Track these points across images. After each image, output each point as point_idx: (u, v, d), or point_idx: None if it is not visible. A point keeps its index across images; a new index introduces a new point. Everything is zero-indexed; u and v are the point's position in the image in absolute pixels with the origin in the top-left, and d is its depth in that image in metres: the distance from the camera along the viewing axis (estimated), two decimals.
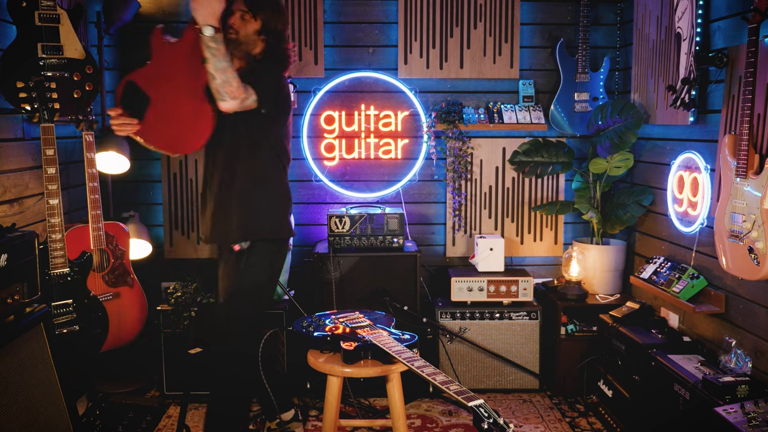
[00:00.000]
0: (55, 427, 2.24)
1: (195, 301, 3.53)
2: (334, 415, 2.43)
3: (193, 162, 3.98)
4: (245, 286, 2.70)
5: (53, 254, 2.81)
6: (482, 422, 1.67)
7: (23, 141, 3.15)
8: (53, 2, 2.94)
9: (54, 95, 2.79)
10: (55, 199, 2.78)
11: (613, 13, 4.01)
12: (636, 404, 3.01)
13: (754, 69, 2.45)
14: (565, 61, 3.91)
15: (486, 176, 4.07)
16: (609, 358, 3.32)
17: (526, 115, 3.96)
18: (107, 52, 3.88)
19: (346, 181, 4.08)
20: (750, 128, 2.49)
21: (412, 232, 4.11)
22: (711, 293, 2.96)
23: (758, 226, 2.41)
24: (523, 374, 3.71)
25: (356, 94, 4.02)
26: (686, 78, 3.04)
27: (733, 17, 2.81)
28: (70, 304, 2.88)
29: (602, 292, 3.79)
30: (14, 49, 2.90)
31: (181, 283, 3.64)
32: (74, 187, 3.68)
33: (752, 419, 2.20)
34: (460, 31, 3.97)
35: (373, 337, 2.37)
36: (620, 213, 3.70)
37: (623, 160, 3.66)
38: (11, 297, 2.21)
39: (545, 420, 3.38)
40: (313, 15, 3.91)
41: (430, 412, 3.46)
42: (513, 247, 4.11)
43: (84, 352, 2.97)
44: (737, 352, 2.69)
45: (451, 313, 3.69)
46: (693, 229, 3.10)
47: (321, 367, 2.38)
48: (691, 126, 3.13)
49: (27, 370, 2.15)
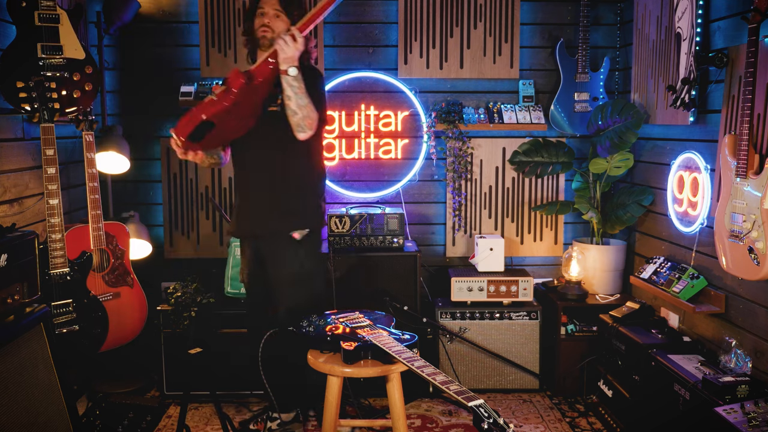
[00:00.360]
0: (55, 427, 2.24)
1: (195, 301, 3.53)
2: (334, 415, 2.43)
3: (193, 162, 3.97)
4: (307, 269, 2.92)
5: (53, 254, 2.81)
6: (482, 422, 1.67)
7: (23, 141, 3.15)
8: (53, 2, 2.94)
9: (54, 95, 2.80)
10: (55, 199, 2.78)
11: (613, 13, 4.02)
12: (636, 404, 3.01)
13: (754, 69, 2.45)
14: (565, 61, 3.91)
15: (486, 176, 4.07)
16: (609, 358, 3.32)
17: (526, 115, 3.96)
18: (107, 52, 3.89)
19: (346, 181, 4.08)
20: (750, 128, 2.49)
21: (412, 232, 4.11)
22: (711, 293, 2.96)
23: (758, 226, 2.41)
24: (523, 374, 3.71)
25: (356, 94, 4.02)
26: (686, 78, 3.04)
27: (733, 17, 2.81)
28: (70, 304, 2.88)
29: (602, 292, 3.79)
30: (14, 49, 2.90)
31: (181, 283, 3.64)
32: (74, 187, 3.68)
33: (752, 419, 2.20)
34: (460, 31, 3.97)
35: (373, 337, 2.37)
36: (620, 213, 3.70)
37: (623, 160, 3.66)
38: (11, 297, 2.21)
39: (545, 420, 3.38)
40: None
41: (430, 412, 3.46)
42: (513, 247, 4.11)
43: (84, 352, 2.97)
44: (737, 352, 2.69)
45: (451, 313, 3.69)
46: (693, 229, 3.10)
47: (321, 367, 2.38)
48: (691, 126, 3.13)
49: (27, 370, 2.15)
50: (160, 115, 4.00)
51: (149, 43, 3.95)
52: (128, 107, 4.00)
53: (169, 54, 3.97)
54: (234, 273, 3.63)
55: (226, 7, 3.88)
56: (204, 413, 3.44)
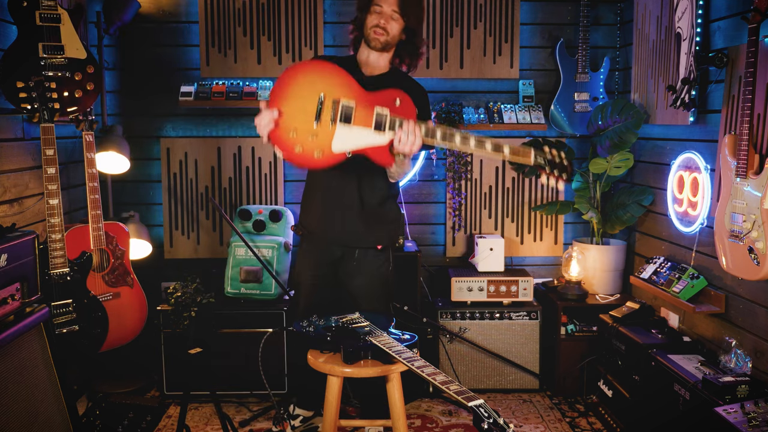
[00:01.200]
0: (55, 427, 2.24)
1: (195, 301, 3.53)
2: (334, 415, 2.43)
3: (193, 162, 3.98)
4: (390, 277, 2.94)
5: (53, 254, 2.81)
6: (482, 422, 1.67)
7: (23, 141, 3.15)
8: (54, 2, 2.94)
9: (54, 95, 2.79)
10: (55, 199, 2.78)
11: (613, 13, 4.01)
12: (636, 404, 3.01)
13: (754, 69, 2.45)
14: (565, 61, 3.91)
15: (486, 176, 4.07)
16: (609, 358, 3.32)
17: (526, 115, 3.96)
18: (107, 52, 3.89)
19: None
20: (750, 128, 2.49)
21: (412, 232, 4.11)
22: (711, 293, 2.96)
23: (758, 226, 2.41)
24: (523, 374, 3.71)
25: None
26: (686, 78, 3.04)
27: (733, 17, 2.81)
28: (70, 304, 2.88)
29: (602, 292, 3.79)
30: (15, 49, 2.90)
31: (181, 283, 3.64)
32: (74, 187, 3.68)
33: (752, 419, 2.20)
34: (460, 31, 3.97)
35: (373, 337, 2.37)
36: (620, 213, 3.70)
37: (623, 160, 3.66)
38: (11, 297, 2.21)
39: (545, 420, 3.38)
40: (313, 15, 3.92)
41: (430, 412, 3.46)
42: (513, 247, 4.11)
43: (84, 352, 2.97)
44: (737, 352, 2.69)
45: (451, 313, 3.69)
46: (693, 229, 3.10)
47: (321, 367, 2.38)
48: (691, 126, 3.13)
49: (27, 370, 2.15)
50: (160, 115, 4.00)
51: (149, 43, 3.95)
52: (128, 107, 4.00)
53: (169, 54, 3.97)
54: (234, 273, 3.63)
55: (226, 7, 3.88)
56: (204, 413, 3.44)
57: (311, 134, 2.37)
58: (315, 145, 2.38)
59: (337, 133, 2.35)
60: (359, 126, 2.36)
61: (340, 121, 2.36)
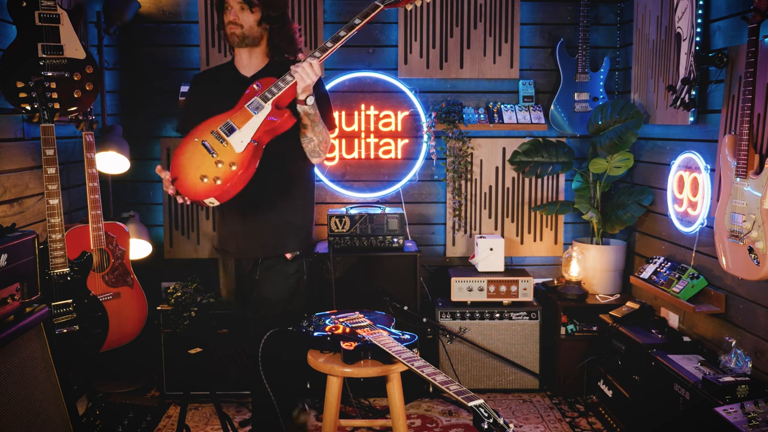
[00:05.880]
0: (55, 427, 2.24)
1: (195, 301, 3.53)
2: (334, 415, 2.43)
3: None
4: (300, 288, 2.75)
5: (53, 254, 2.81)
6: (482, 422, 1.67)
7: (23, 141, 3.15)
8: (53, 2, 2.94)
9: (54, 95, 2.79)
10: (55, 199, 2.77)
11: (613, 13, 4.02)
12: (636, 404, 3.01)
13: (754, 69, 2.45)
14: (565, 61, 3.91)
15: (486, 176, 4.07)
16: (609, 358, 3.32)
17: (526, 115, 3.96)
18: (107, 52, 3.89)
19: (346, 181, 4.08)
20: (750, 128, 2.49)
21: (412, 232, 4.11)
22: (711, 293, 2.96)
23: (758, 226, 2.41)
24: (523, 374, 3.71)
25: (356, 94, 4.02)
26: (686, 78, 3.04)
27: (733, 17, 2.81)
28: (70, 304, 2.88)
29: (602, 292, 3.79)
30: (14, 49, 2.90)
31: (181, 283, 3.64)
32: (74, 187, 3.68)
33: (752, 419, 2.20)
34: (460, 31, 3.97)
35: (373, 337, 2.37)
36: (620, 213, 3.70)
37: (623, 160, 3.66)
38: (11, 297, 2.21)
39: (545, 420, 3.38)
40: (313, 15, 3.92)
41: (430, 412, 3.46)
42: (513, 247, 4.11)
43: (84, 352, 2.97)
44: (737, 352, 2.69)
45: (451, 313, 3.69)
46: (693, 229, 3.10)
47: (321, 367, 2.38)
48: (691, 126, 3.13)
49: (27, 370, 2.15)
50: (160, 115, 4.00)
51: (149, 43, 3.95)
52: (128, 107, 4.00)
53: (170, 54, 3.97)
54: None
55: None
56: (204, 413, 3.44)
57: (216, 163, 2.41)
58: (226, 163, 2.41)
59: (233, 142, 2.43)
60: (245, 124, 2.45)
61: (229, 136, 2.44)
